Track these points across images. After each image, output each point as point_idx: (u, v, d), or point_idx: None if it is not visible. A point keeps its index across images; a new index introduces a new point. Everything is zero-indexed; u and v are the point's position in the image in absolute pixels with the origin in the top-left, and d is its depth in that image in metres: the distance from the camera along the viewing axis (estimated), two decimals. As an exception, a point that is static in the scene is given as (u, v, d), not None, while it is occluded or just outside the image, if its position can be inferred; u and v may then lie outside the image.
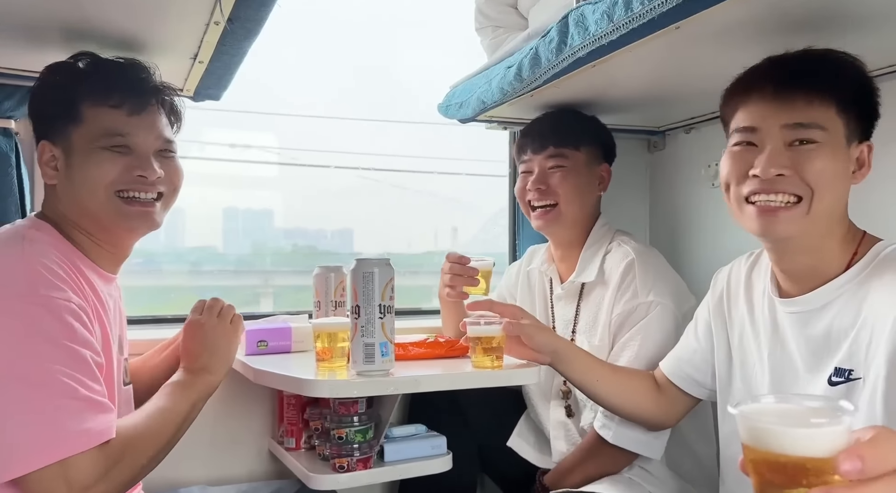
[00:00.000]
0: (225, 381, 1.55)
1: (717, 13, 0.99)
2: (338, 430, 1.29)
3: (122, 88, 1.09)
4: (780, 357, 1.09)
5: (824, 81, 0.99)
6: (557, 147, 1.52)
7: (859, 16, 1.04)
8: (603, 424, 1.36)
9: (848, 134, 1.00)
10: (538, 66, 1.29)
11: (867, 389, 0.94)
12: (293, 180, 2.71)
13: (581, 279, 1.51)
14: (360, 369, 1.15)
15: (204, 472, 1.53)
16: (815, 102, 0.98)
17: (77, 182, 1.07)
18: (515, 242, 2.02)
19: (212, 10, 1.03)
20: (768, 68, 1.04)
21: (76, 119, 1.07)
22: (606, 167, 1.58)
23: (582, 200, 1.53)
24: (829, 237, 1.02)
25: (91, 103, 1.08)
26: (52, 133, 1.08)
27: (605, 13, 1.06)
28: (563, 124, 1.55)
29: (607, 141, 1.60)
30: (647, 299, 1.37)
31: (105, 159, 1.08)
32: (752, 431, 0.56)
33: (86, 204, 1.08)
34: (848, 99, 0.99)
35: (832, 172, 0.98)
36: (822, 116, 0.98)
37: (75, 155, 1.07)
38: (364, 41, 2.73)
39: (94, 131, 1.07)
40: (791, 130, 0.99)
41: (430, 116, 1.81)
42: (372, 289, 1.14)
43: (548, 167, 1.53)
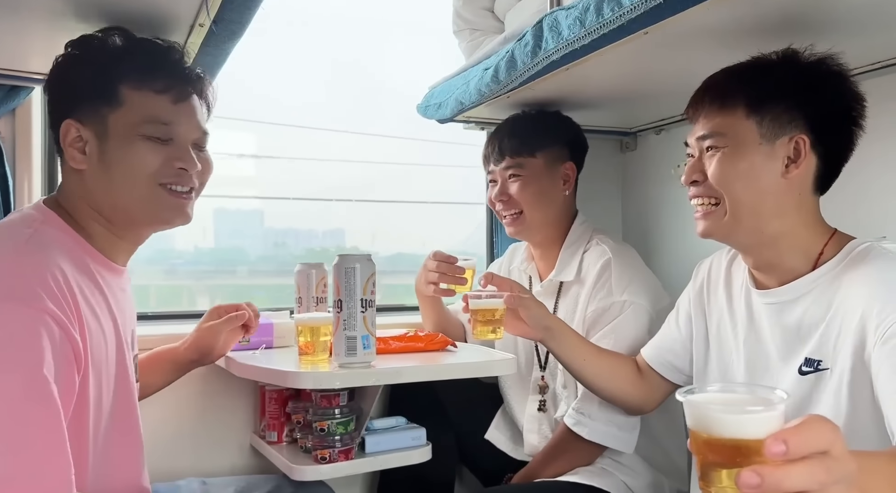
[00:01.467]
0: (206, 377, 1.58)
1: (683, 20, 1.03)
2: (320, 422, 1.32)
3: (166, 72, 1.03)
4: (754, 346, 1.13)
5: (728, 91, 1.07)
6: (513, 157, 1.55)
7: (816, 20, 1.09)
8: (577, 421, 1.39)
9: (765, 133, 1.04)
10: (514, 69, 1.33)
11: (834, 379, 0.98)
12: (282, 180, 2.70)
13: (559, 278, 1.55)
14: (343, 361, 1.18)
15: (187, 466, 1.54)
16: (720, 111, 1.07)
17: (114, 170, 1.01)
18: (493, 241, 2.06)
19: (197, 12, 1.05)
20: (697, 89, 1.13)
21: (113, 101, 1.00)
22: (571, 166, 1.59)
23: (545, 205, 1.56)
24: (781, 233, 1.06)
25: (132, 86, 1.01)
26: (80, 112, 1.00)
27: (577, 19, 1.11)
28: (518, 132, 1.57)
29: (573, 138, 1.62)
30: (621, 298, 1.41)
31: (147, 149, 1.02)
32: (696, 416, 0.62)
33: (120, 193, 1.02)
34: (757, 100, 1.04)
35: (738, 174, 1.05)
36: (723, 124, 1.06)
37: (112, 140, 1.00)
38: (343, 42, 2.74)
39: (135, 117, 1.01)
40: (701, 142, 1.09)
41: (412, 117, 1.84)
42: (354, 284, 1.17)
43: (507, 177, 1.57)
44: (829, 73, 1.05)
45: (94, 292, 0.98)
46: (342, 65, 2.84)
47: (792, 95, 1.04)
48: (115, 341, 1.03)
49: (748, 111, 1.05)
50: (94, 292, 0.98)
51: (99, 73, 1.01)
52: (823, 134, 1.04)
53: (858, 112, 1.05)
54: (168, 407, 1.55)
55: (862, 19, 1.09)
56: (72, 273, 0.93)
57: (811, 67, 1.05)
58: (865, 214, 1.37)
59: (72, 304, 0.89)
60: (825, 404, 1.00)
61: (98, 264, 1.01)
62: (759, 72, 1.07)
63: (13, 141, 1.51)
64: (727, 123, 1.06)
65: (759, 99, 1.04)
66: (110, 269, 1.04)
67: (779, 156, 1.04)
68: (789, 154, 1.04)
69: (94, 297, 0.97)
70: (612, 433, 1.38)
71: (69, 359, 0.88)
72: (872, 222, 1.36)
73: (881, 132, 1.32)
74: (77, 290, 0.92)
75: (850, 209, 1.24)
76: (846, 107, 1.05)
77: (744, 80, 1.07)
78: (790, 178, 1.04)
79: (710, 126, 1.08)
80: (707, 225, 1.10)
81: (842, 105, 1.05)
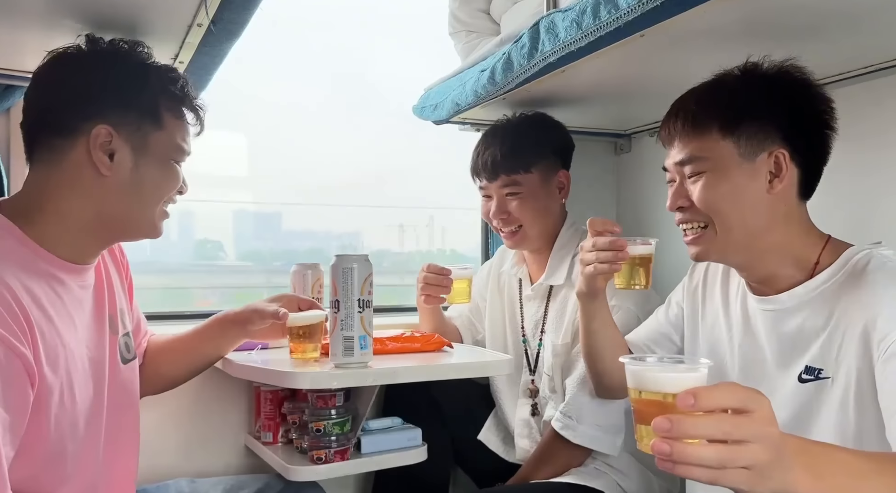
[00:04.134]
0: (199, 377, 1.57)
1: (680, 23, 1.05)
2: (316, 423, 1.32)
3: (194, 107, 1.11)
4: (749, 351, 1.13)
5: (700, 113, 1.07)
6: (509, 175, 1.53)
7: (814, 26, 1.10)
8: (564, 424, 1.40)
9: (744, 151, 1.04)
10: (510, 71, 1.34)
11: (837, 389, 0.99)
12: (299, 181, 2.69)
13: (550, 282, 1.55)
14: (340, 361, 1.18)
15: (181, 467, 1.53)
16: (695, 134, 1.07)
17: (146, 186, 1.05)
18: (487, 242, 2.07)
19: (196, 12, 1.05)
20: (668, 112, 1.13)
21: (157, 123, 1.05)
22: (564, 173, 1.58)
23: (544, 218, 1.56)
24: (772, 247, 1.06)
25: (172, 115, 1.07)
26: (118, 122, 1.01)
27: (574, 21, 1.11)
28: (510, 148, 1.54)
29: (562, 145, 1.60)
30: (609, 302, 1.39)
31: (174, 173, 1.08)
32: (631, 374, 0.74)
33: (136, 209, 1.06)
34: (730, 120, 1.04)
35: (723, 196, 1.05)
36: (700, 147, 1.06)
37: (150, 158, 1.05)
38: (339, 45, 2.75)
39: (171, 143, 1.07)
40: (681, 167, 1.09)
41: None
42: (351, 284, 1.17)
43: (504, 195, 1.55)
44: (793, 83, 1.06)
45: (48, 293, 0.97)
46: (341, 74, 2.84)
47: (763, 111, 1.05)
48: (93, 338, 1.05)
49: (723, 133, 1.05)
50: (48, 293, 0.97)
51: (147, 92, 1.05)
52: (800, 144, 1.05)
53: (829, 115, 1.06)
54: (161, 408, 1.54)
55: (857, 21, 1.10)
56: (20, 280, 0.92)
57: (776, 80, 1.06)
58: (859, 219, 1.39)
59: (19, 315, 0.88)
60: (828, 414, 1.00)
61: (53, 267, 1.00)
62: (725, 92, 1.07)
63: (7, 141, 1.50)
64: (704, 147, 1.06)
65: (733, 119, 1.05)
66: (69, 269, 1.03)
67: (761, 172, 1.04)
68: (771, 169, 1.04)
69: (48, 299, 0.97)
70: (598, 437, 1.39)
71: (18, 374, 0.87)
72: (866, 228, 1.37)
73: (872, 137, 1.35)
74: (27, 297, 0.91)
75: (842, 215, 1.26)
76: (816, 112, 1.06)
77: (714, 101, 1.07)
78: (775, 192, 1.04)
79: (687, 151, 1.08)
80: (699, 249, 1.09)
81: (812, 112, 1.06)
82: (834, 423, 0.99)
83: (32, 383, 0.89)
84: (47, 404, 0.93)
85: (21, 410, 0.88)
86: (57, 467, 0.97)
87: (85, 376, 1.02)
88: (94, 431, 1.04)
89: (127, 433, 1.14)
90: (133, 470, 1.17)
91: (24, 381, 0.88)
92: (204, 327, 1.31)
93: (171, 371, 1.31)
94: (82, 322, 1.04)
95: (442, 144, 2.11)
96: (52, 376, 0.93)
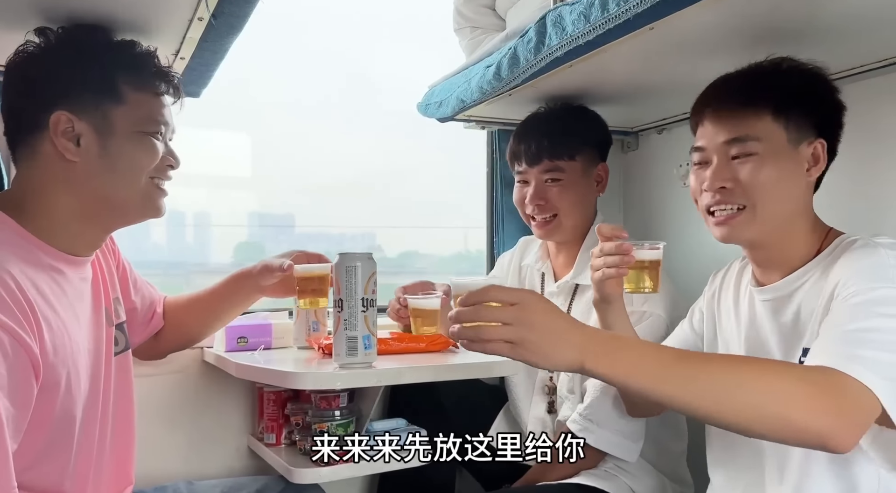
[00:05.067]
0: (202, 378, 1.57)
1: (690, 16, 1.02)
2: (319, 424, 1.30)
3: (162, 76, 1.08)
4: (755, 343, 1.14)
5: (754, 93, 1.06)
6: (553, 160, 1.50)
7: (825, 23, 1.09)
8: (583, 427, 1.37)
9: (791, 137, 1.05)
10: (517, 66, 1.32)
11: None
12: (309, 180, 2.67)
13: (578, 281, 1.51)
14: (343, 361, 1.16)
15: (182, 469, 1.52)
16: (748, 114, 1.06)
17: (118, 164, 1.02)
18: (493, 243, 2.04)
19: (196, 6, 1.04)
20: (710, 90, 1.12)
21: (117, 99, 1.02)
22: (604, 167, 1.56)
23: (581, 209, 1.53)
24: (792, 231, 1.08)
25: (134, 87, 1.04)
26: (75, 105, 1.00)
27: (581, 14, 1.09)
28: (557, 133, 1.51)
29: (604, 138, 1.58)
30: (641, 308, 1.38)
31: (149, 145, 1.05)
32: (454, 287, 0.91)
33: (120, 187, 1.04)
34: (783, 105, 1.05)
35: (773, 180, 1.05)
36: (755, 128, 1.05)
37: (117, 136, 1.02)
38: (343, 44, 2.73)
39: (137, 115, 1.04)
40: (729, 146, 1.07)
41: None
42: (355, 283, 1.15)
43: (544, 181, 1.52)
44: (826, 80, 1.08)
45: (52, 286, 0.98)
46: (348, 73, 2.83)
47: (811, 100, 1.06)
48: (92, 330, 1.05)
49: (775, 115, 1.05)
50: (52, 286, 0.98)
51: (99, 70, 1.02)
52: (830, 138, 1.08)
53: (842, 115, 1.10)
54: (163, 408, 1.53)
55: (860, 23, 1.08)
56: (24, 272, 0.92)
57: (814, 73, 1.08)
58: (860, 215, 1.37)
59: (25, 306, 0.89)
60: None
61: (54, 259, 1.00)
62: (782, 75, 1.08)
63: (6, 139, 1.49)
64: (758, 127, 1.05)
65: (786, 103, 1.05)
66: (70, 262, 1.03)
67: (803, 160, 1.06)
68: (808, 158, 1.06)
69: (52, 291, 0.97)
70: (619, 442, 1.36)
71: (24, 366, 0.87)
72: (863, 225, 1.35)
73: (881, 134, 1.33)
74: (32, 289, 0.92)
75: (845, 211, 1.24)
76: (839, 114, 1.09)
77: (770, 83, 1.07)
78: (810, 182, 1.08)
79: (739, 130, 1.06)
80: (730, 230, 1.08)
81: (838, 112, 1.09)
82: None
83: (37, 376, 0.90)
84: (53, 394, 0.93)
85: (25, 403, 0.88)
86: (59, 458, 0.98)
87: (86, 369, 1.03)
88: (92, 422, 1.05)
89: (123, 424, 1.15)
90: (130, 462, 1.18)
91: (30, 373, 0.88)
92: (220, 285, 1.36)
93: (190, 329, 1.37)
94: (83, 315, 1.05)
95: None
96: (59, 366, 0.94)
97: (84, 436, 1.02)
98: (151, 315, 1.32)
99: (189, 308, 1.36)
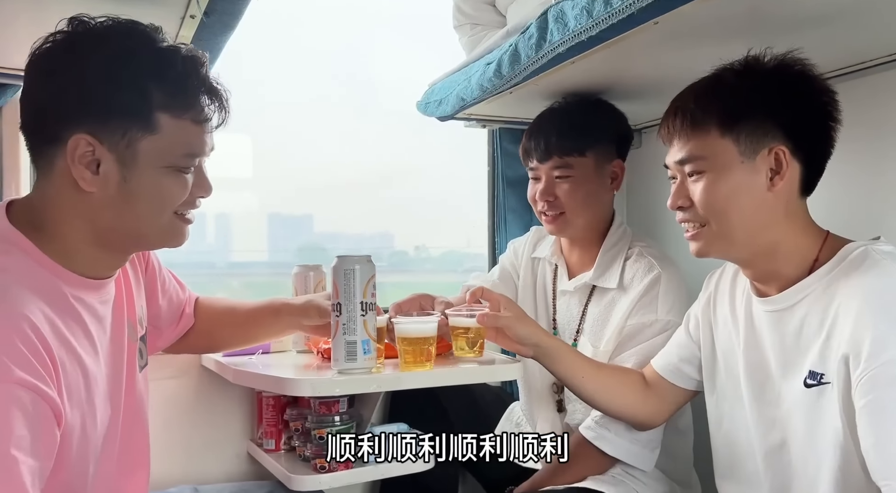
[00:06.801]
0: (200, 383, 1.55)
1: (696, 9, 0.99)
2: (318, 430, 1.28)
3: (209, 94, 0.93)
4: (753, 354, 1.12)
5: (696, 112, 1.06)
6: (562, 156, 1.46)
7: (833, 15, 1.05)
8: (598, 435, 1.35)
9: (744, 150, 1.02)
10: (518, 63, 1.29)
11: (835, 394, 0.96)
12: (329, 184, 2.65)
13: (598, 283, 1.48)
14: (342, 367, 1.14)
15: (182, 474, 1.50)
16: (693, 134, 1.06)
17: (139, 200, 0.91)
18: (495, 241, 2.02)
19: (188, 3, 1.01)
20: (666, 112, 1.12)
21: (148, 127, 0.89)
22: (619, 164, 1.51)
23: (592, 207, 1.49)
24: (774, 244, 1.05)
25: (172, 114, 0.90)
26: (99, 129, 0.87)
27: (584, 9, 1.07)
28: (567, 128, 1.47)
29: (622, 133, 1.53)
30: (665, 317, 1.36)
31: (178, 182, 0.93)
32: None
33: (140, 223, 0.93)
34: (729, 119, 1.03)
35: (723, 196, 1.03)
36: (700, 147, 1.05)
37: (141, 168, 0.90)
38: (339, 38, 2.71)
39: (170, 148, 0.91)
40: (681, 166, 1.08)
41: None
42: (353, 286, 1.13)
43: (554, 177, 1.49)
44: (793, 76, 1.03)
45: (68, 322, 0.90)
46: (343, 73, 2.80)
47: (763, 107, 1.03)
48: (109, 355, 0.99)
49: (722, 131, 1.03)
50: (68, 322, 0.90)
51: (133, 90, 0.88)
52: (801, 139, 1.03)
53: (832, 106, 1.04)
54: (161, 413, 1.51)
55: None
56: (42, 313, 0.85)
57: (775, 74, 1.03)
58: (856, 215, 1.34)
59: (45, 355, 0.83)
60: (830, 419, 0.97)
61: (73, 287, 0.92)
62: (724, 89, 1.05)
63: (0, 141, 1.46)
64: (703, 146, 1.05)
65: (732, 117, 1.03)
66: (89, 287, 0.95)
67: (761, 170, 1.03)
68: (771, 166, 1.02)
69: (69, 328, 0.90)
70: (636, 451, 1.34)
71: (46, 417, 0.82)
72: (864, 224, 1.32)
73: (872, 132, 1.30)
74: (49, 331, 0.85)
75: (841, 211, 1.23)
76: (818, 105, 1.04)
77: (712, 99, 1.05)
78: (776, 190, 1.03)
79: (686, 150, 1.06)
80: (700, 246, 1.09)
81: (813, 105, 1.04)
82: (832, 428, 0.97)
83: (59, 423, 0.84)
84: (69, 439, 0.88)
85: (49, 454, 0.83)
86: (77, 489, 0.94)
87: (104, 397, 0.98)
88: (110, 448, 1.01)
89: (138, 441, 1.11)
90: (145, 478, 1.14)
91: (52, 424, 0.83)
92: (259, 310, 1.31)
93: (220, 339, 1.35)
94: (102, 340, 0.98)
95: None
96: (73, 412, 0.89)
97: (102, 463, 0.98)
98: (180, 315, 1.26)
99: (224, 319, 1.31)
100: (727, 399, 1.17)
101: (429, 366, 1.19)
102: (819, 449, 0.99)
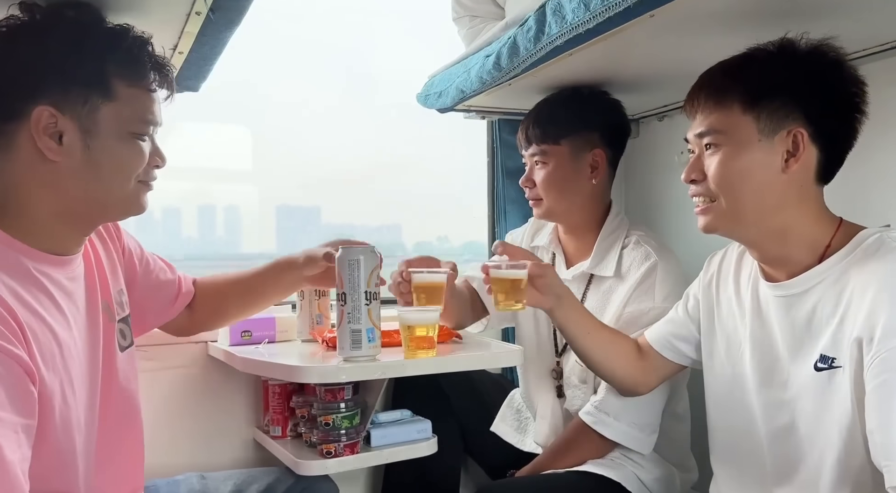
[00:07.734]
0: (207, 372, 1.57)
1: (690, 1, 1.01)
2: (325, 416, 1.31)
3: (157, 69, 1.00)
4: (761, 338, 1.12)
5: (722, 87, 1.06)
6: (538, 144, 1.52)
7: (831, 2, 1.07)
8: (598, 419, 1.37)
9: (764, 128, 1.03)
10: (516, 55, 1.31)
11: (846, 378, 0.97)
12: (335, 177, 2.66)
13: (596, 271, 1.50)
14: (348, 354, 1.17)
15: (190, 462, 1.52)
16: (718, 107, 1.06)
17: (103, 166, 0.96)
18: (494, 232, 2.04)
19: (194, 0, 1.03)
20: (692, 86, 1.12)
21: (107, 95, 0.95)
22: (599, 153, 1.52)
23: (566, 194, 1.52)
24: (784, 227, 1.05)
25: (127, 82, 0.96)
26: (60, 100, 0.92)
27: (581, 2, 1.08)
28: (543, 119, 1.53)
29: (606, 124, 1.55)
30: (662, 304, 1.38)
31: (137, 148, 0.99)
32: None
33: (105, 189, 0.98)
34: (753, 97, 1.03)
35: (736, 172, 1.04)
36: (720, 121, 1.06)
37: (103, 136, 0.95)
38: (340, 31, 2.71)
39: (128, 114, 0.97)
40: (699, 139, 1.09)
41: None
42: (358, 276, 1.16)
43: (534, 163, 1.55)
44: (825, 63, 1.03)
45: (36, 294, 0.93)
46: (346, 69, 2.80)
47: (788, 89, 1.03)
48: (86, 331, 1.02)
49: (744, 107, 1.04)
50: (36, 294, 0.93)
51: (90, 61, 0.94)
52: (823, 125, 1.03)
53: (860, 98, 1.04)
54: (169, 402, 1.54)
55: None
56: (4, 283, 0.88)
57: (807, 58, 1.03)
58: (869, 201, 1.35)
59: (10, 320, 0.85)
60: (840, 402, 0.98)
61: (36, 261, 0.95)
62: (754, 66, 1.06)
63: None
64: (725, 121, 1.05)
65: (756, 95, 1.03)
66: (53, 263, 0.97)
67: (777, 151, 1.03)
68: (788, 148, 1.03)
69: (37, 299, 0.93)
70: (634, 435, 1.37)
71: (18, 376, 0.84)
72: (876, 210, 1.34)
73: (885, 118, 1.31)
74: (11, 298, 0.87)
75: (853, 197, 1.22)
76: (846, 95, 1.03)
77: (739, 76, 1.06)
78: (790, 172, 1.03)
79: (707, 123, 1.07)
80: (708, 220, 1.10)
81: (841, 94, 1.03)
82: (842, 411, 0.98)
83: (33, 382, 0.87)
84: (50, 404, 0.91)
85: (30, 411, 0.86)
86: (68, 464, 0.96)
87: (82, 371, 1.01)
88: (94, 425, 1.03)
89: (129, 421, 1.13)
90: (140, 459, 1.16)
91: (26, 381, 0.86)
92: (264, 269, 1.35)
93: (228, 309, 1.36)
94: (75, 316, 1.00)
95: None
96: (50, 376, 0.91)
97: (89, 440, 1.01)
98: (177, 293, 1.29)
99: (229, 288, 1.35)
100: (727, 380, 1.19)
101: (432, 353, 1.22)
102: (826, 432, 1.01)
